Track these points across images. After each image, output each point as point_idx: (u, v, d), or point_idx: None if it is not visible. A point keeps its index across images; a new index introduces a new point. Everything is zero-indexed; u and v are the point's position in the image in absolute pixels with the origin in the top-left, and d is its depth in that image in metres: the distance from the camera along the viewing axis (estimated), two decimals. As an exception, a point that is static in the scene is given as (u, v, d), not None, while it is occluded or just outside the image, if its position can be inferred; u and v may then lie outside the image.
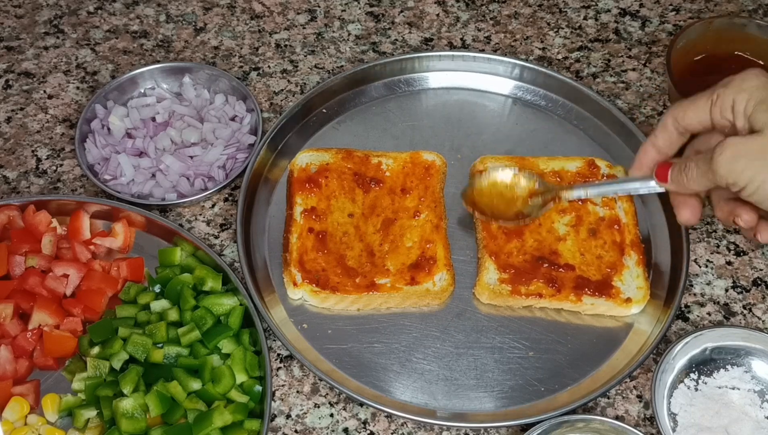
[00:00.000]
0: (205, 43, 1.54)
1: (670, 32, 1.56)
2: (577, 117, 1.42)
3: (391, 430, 1.14)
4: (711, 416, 1.11)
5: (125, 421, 1.07)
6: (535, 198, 1.22)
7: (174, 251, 1.24)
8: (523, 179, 1.23)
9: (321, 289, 1.20)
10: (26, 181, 1.36)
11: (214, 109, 1.40)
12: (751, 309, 1.24)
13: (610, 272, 1.22)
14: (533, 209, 1.22)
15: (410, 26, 1.57)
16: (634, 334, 1.20)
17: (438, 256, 1.23)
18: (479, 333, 1.21)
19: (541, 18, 1.58)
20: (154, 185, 1.32)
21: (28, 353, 1.15)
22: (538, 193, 1.22)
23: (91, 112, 1.38)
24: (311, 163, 1.31)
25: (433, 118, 1.42)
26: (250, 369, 1.13)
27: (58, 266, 1.20)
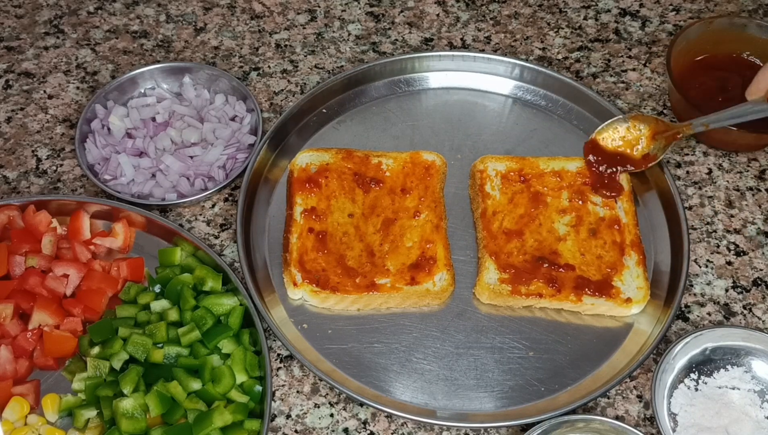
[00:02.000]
0: (205, 43, 1.54)
1: (670, 32, 1.56)
2: (577, 117, 1.42)
3: (391, 430, 1.14)
4: (711, 416, 1.11)
5: (125, 421, 1.07)
6: (658, 136, 1.27)
7: (174, 251, 1.24)
8: (643, 122, 1.29)
9: (321, 289, 1.20)
10: (26, 181, 1.36)
11: (214, 109, 1.40)
12: (751, 309, 1.24)
13: (610, 272, 1.22)
14: (658, 149, 1.27)
15: (410, 26, 1.57)
16: (634, 334, 1.20)
17: (438, 256, 1.23)
18: (479, 333, 1.21)
19: (541, 18, 1.58)
20: (154, 185, 1.32)
21: (28, 353, 1.15)
22: (661, 131, 1.27)
23: (91, 112, 1.38)
24: (311, 163, 1.31)
25: (433, 118, 1.42)
26: (250, 369, 1.13)
27: (58, 266, 1.20)
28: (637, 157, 1.29)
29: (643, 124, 1.30)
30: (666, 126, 1.29)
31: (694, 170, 1.38)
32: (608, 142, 1.30)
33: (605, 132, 1.32)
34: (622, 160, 1.29)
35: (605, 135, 1.31)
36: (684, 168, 1.38)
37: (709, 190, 1.36)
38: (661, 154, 1.28)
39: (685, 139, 1.40)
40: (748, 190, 1.36)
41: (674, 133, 1.28)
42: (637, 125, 1.29)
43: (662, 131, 1.28)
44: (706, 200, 1.35)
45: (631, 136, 1.30)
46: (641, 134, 1.28)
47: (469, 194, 1.34)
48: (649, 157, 1.29)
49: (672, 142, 1.28)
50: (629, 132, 1.30)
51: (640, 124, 1.30)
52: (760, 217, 1.33)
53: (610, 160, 1.30)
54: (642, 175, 1.34)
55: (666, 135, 1.28)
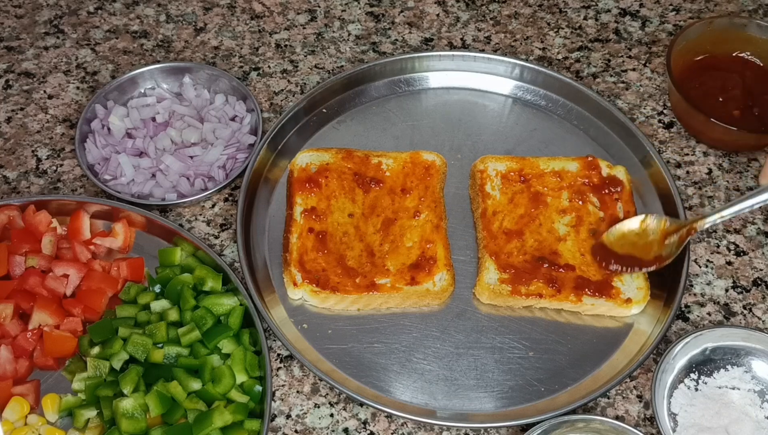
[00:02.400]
0: (205, 43, 1.54)
1: (670, 32, 1.56)
2: (577, 117, 1.42)
3: (391, 430, 1.14)
4: (711, 416, 1.11)
5: (125, 421, 1.07)
6: (670, 237, 1.20)
7: (174, 251, 1.24)
8: (652, 222, 1.22)
9: (321, 289, 1.20)
10: (26, 181, 1.36)
11: (214, 109, 1.40)
12: (751, 309, 1.24)
13: (610, 273, 1.22)
14: (671, 248, 1.20)
15: (410, 26, 1.57)
16: (634, 334, 1.20)
17: (438, 256, 1.23)
18: (479, 333, 1.21)
19: (541, 18, 1.58)
20: (154, 185, 1.32)
21: (28, 353, 1.15)
22: (671, 232, 1.21)
23: (91, 112, 1.38)
24: (311, 163, 1.31)
25: (433, 118, 1.42)
26: (250, 369, 1.13)
27: (58, 266, 1.20)
28: (649, 259, 1.21)
29: (654, 223, 1.22)
30: (677, 225, 1.21)
31: (694, 170, 1.38)
32: (616, 247, 1.22)
33: (613, 235, 1.24)
34: (632, 262, 1.21)
35: (613, 239, 1.23)
36: (684, 168, 1.38)
37: (709, 190, 1.36)
38: (676, 253, 1.20)
39: (685, 139, 1.40)
40: (748, 190, 1.36)
41: (687, 230, 1.19)
42: (648, 226, 1.23)
43: (673, 231, 1.21)
44: (706, 200, 1.35)
45: (641, 240, 1.22)
46: (652, 238, 1.21)
47: (469, 194, 1.34)
48: (661, 257, 1.20)
49: (686, 239, 1.19)
50: (639, 237, 1.22)
51: (650, 225, 1.23)
52: (760, 217, 1.33)
53: (619, 261, 1.22)
54: (642, 175, 1.34)
55: (679, 234, 1.20)
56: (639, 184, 1.33)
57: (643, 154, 1.35)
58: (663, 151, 1.40)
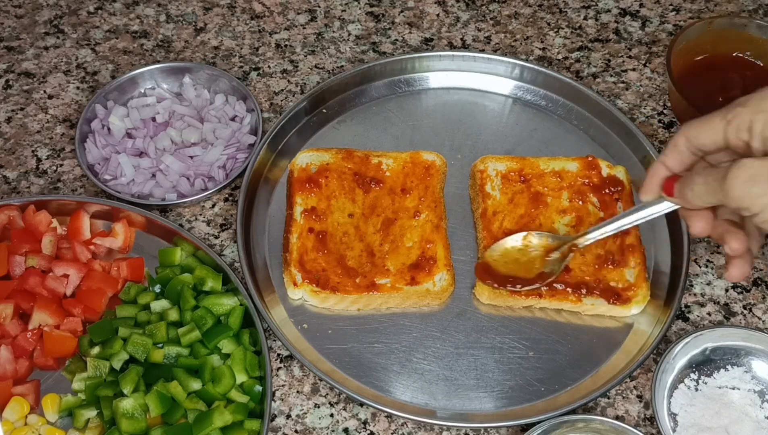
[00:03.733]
0: (205, 43, 1.54)
1: (670, 32, 1.56)
2: (577, 117, 1.42)
3: (391, 430, 1.14)
4: (711, 416, 1.11)
5: (125, 421, 1.07)
6: (552, 253, 1.20)
7: (174, 251, 1.24)
8: (534, 238, 1.22)
9: (321, 289, 1.20)
10: (26, 181, 1.36)
11: (214, 109, 1.40)
12: (752, 309, 1.24)
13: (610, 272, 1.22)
14: (554, 265, 1.19)
15: (410, 26, 1.57)
16: (634, 334, 1.20)
17: (438, 256, 1.23)
18: (479, 333, 1.21)
19: (541, 18, 1.58)
20: (154, 185, 1.32)
21: (28, 353, 1.15)
22: (553, 248, 1.20)
23: (91, 112, 1.38)
24: (311, 163, 1.31)
25: (433, 118, 1.42)
26: (250, 369, 1.13)
27: (58, 266, 1.20)
28: (532, 277, 1.20)
29: (536, 240, 1.22)
30: (558, 242, 1.20)
31: (694, 170, 1.38)
32: (500, 265, 1.21)
33: (497, 251, 1.22)
34: (514, 281, 1.20)
35: (496, 256, 1.22)
36: (684, 168, 1.38)
37: (709, 190, 1.36)
38: (558, 270, 1.19)
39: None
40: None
41: (569, 247, 1.19)
42: (529, 243, 1.22)
43: (555, 248, 1.20)
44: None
45: (524, 256, 1.21)
46: (535, 255, 1.21)
47: (469, 194, 1.34)
48: (544, 274, 1.19)
49: (568, 255, 1.19)
50: (521, 253, 1.22)
51: (533, 240, 1.22)
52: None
53: (502, 281, 1.20)
54: (642, 175, 1.33)
55: (561, 250, 1.20)
56: (639, 184, 1.32)
57: (643, 154, 1.35)
58: (663, 151, 1.40)
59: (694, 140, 0.99)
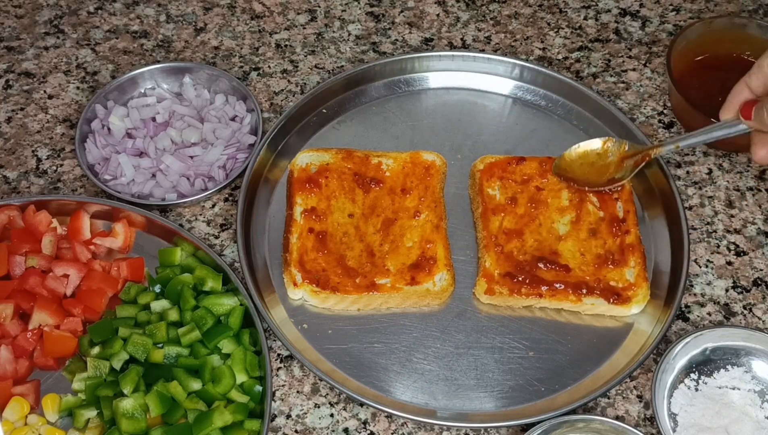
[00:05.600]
0: (206, 43, 1.54)
1: (670, 32, 1.56)
2: (577, 117, 1.42)
3: (391, 430, 1.14)
4: (711, 416, 1.11)
5: (125, 421, 1.07)
6: (627, 160, 1.24)
7: (174, 251, 1.24)
8: (613, 145, 1.26)
9: (321, 290, 1.20)
10: (26, 181, 1.36)
11: (214, 109, 1.40)
12: (752, 309, 1.24)
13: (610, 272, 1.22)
14: (626, 171, 1.24)
15: (410, 26, 1.57)
16: (634, 334, 1.20)
17: (438, 256, 1.23)
18: (479, 333, 1.21)
19: (541, 18, 1.58)
20: (155, 185, 1.32)
21: (29, 353, 1.15)
22: (629, 156, 1.24)
23: (91, 112, 1.38)
24: (311, 163, 1.31)
25: (433, 118, 1.42)
26: (250, 369, 1.13)
27: (58, 266, 1.20)
28: (602, 181, 1.26)
29: (615, 147, 1.27)
30: (635, 150, 1.25)
31: (694, 170, 1.38)
32: (575, 165, 1.27)
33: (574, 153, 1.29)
34: (585, 182, 1.27)
35: (575, 156, 1.28)
36: (684, 168, 1.38)
37: (709, 190, 1.36)
38: (628, 176, 1.25)
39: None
40: (748, 190, 1.36)
41: (643, 155, 1.24)
42: (608, 148, 1.27)
43: (630, 155, 1.25)
44: (706, 200, 1.35)
45: (601, 160, 1.27)
46: (611, 160, 1.26)
47: (469, 194, 1.34)
48: (614, 180, 1.26)
49: (641, 164, 1.24)
50: (599, 157, 1.27)
51: (611, 146, 1.27)
52: (760, 217, 1.33)
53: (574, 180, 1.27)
54: (642, 175, 1.34)
55: (635, 158, 1.24)
56: (639, 184, 1.33)
57: (643, 154, 1.35)
58: (663, 151, 1.40)
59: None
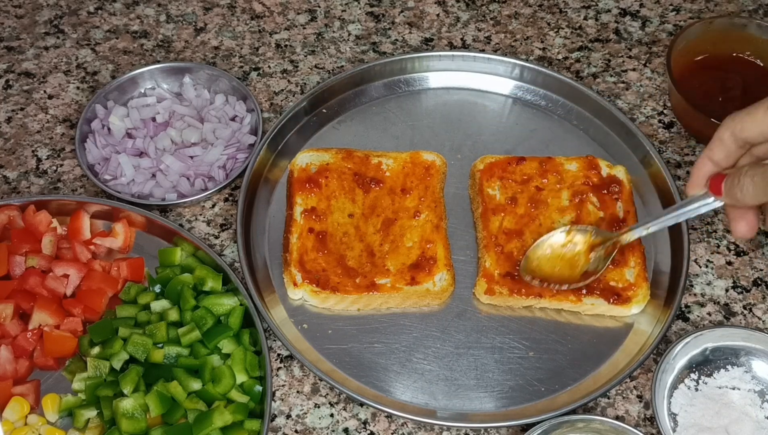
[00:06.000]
0: (206, 43, 1.54)
1: (671, 32, 1.56)
2: (577, 117, 1.42)
3: (391, 430, 1.14)
4: (711, 416, 1.11)
5: (125, 421, 1.07)
6: (596, 250, 1.19)
7: (174, 251, 1.24)
8: (578, 234, 1.20)
9: (321, 290, 1.20)
10: (26, 181, 1.36)
11: (214, 109, 1.40)
12: (752, 309, 1.24)
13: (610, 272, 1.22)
14: (598, 262, 1.19)
15: (410, 26, 1.57)
16: (634, 334, 1.20)
17: (438, 256, 1.23)
18: (479, 333, 1.21)
19: (542, 18, 1.58)
20: (155, 185, 1.32)
21: (29, 353, 1.15)
22: (597, 244, 1.19)
23: (91, 112, 1.38)
24: (311, 163, 1.31)
25: (433, 118, 1.42)
26: (250, 369, 1.13)
27: (58, 266, 1.20)
28: (575, 276, 1.19)
29: (579, 235, 1.20)
30: (602, 238, 1.19)
31: (694, 170, 1.38)
32: (543, 262, 1.20)
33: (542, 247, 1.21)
34: (558, 280, 1.20)
35: (538, 253, 1.21)
36: (684, 168, 1.38)
37: (709, 190, 1.36)
38: (602, 268, 1.19)
39: (686, 139, 1.41)
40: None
41: (613, 243, 1.18)
42: (573, 239, 1.20)
43: (599, 243, 1.19)
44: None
45: (568, 251, 1.20)
46: (579, 250, 1.19)
47: (469, 194, 1.34)
48: (588, 273, 1.19)
49: (612, 253, 1.18)
50: (565, 249, 1.20)
51: (575, 236, 1.20)
52: (760, 217, 1.33)
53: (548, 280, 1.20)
54: (642, 175, 1.34)
55: (604, 247, 1.18)
56: (639, 184, 1.33)
57: (643, 154, 1.35)
58: (663, 151, 1.40)
59: (739, 133, 0.97)
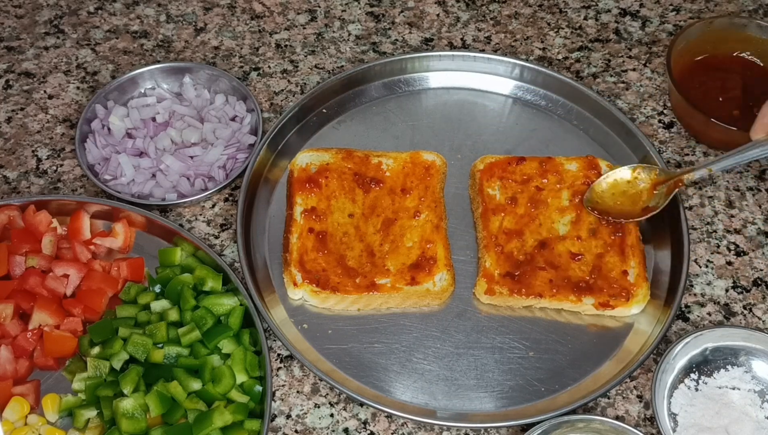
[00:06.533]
0: (206, 43, 1.54)
1: (671, 32, 1.56)
2: (577, 117, 1.42)
3: (391, 430, 1.14)
4: (711, 416, 1.11)
5: (125, 421, 1.07)
6: (659, 187, 1.23)
7: (174, 251, 1.24)
8: (643, 172, 1.25)
9: (321, 290, 1.20)
10: (26, 181, 1.36)
11: (214, 109, 1.40)
12: (752, 309, 1.24)
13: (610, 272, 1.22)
14: (659, 199, 1.22)
15: (410, 26, 1.57)
16: (634, 334, 1.20)
17: (438, 256, 1.23)
18: (479, 333, 1.21)
19: (542, 18, 1.58)
20: (155, 185, 1.32)
21: (29, 353, 1.15)
22: (661, 182, 1.23)
23: (91, 112, 1.38)
24: (311, 163, 1.31)
25: (433, 118, 1.42)
26: (250, 369, 1.13)
27: (58, 266, 1.20)
28: (637, 211, 1.24)
29: (645, 173, 1.26)
30: (667, 175, 1.24)
31: (694, 170, 1.38)
32: (606, 196, 1.25)
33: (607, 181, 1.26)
34: (620, 214, 1.24)
35: (603, 187, 1.26)
36: (684, 168, 1.38)
37: (709, 190, 1.36)
38: (663, 204, 1.23)
39: (686, 139, 1.41)
40: (748, 190, 1.36)
41: (676, 181, 1.23)
42: (638, 176, 1.26)
43: (662, 181, 1.24)
44: (706, 200, 1.35)
45: (632, 189, 1.25)
46: (643, 187, 1.24)
47: (469, 194, 1.34)
48: (649, 208, 1.24)
49: (674, 190, 1.23)
50: (630, 185, 1.26)
51: (641, 174, 1.26)
52: (760, 217, 1.33)
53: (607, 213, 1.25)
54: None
55: (667, 185, 1.23)
56: (639, 184, 1.34)
57: (643, 154, 1.35)
58: (663, 151, 1.40)
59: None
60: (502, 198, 1.29)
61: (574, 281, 1.21)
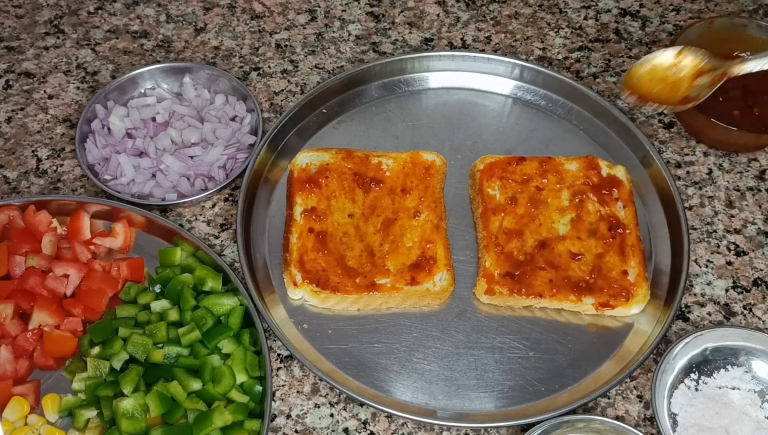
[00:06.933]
0: (206, 43, 1.54)
1: (671, 32, 1.56)
2: (577, 117, 1.42)
3: (391, 430, 1.14)
4: (711, 416, 1.11)
5: (125, 421, 1.07)
6: (702, 77, 1.12)
7: (174, 251, 1.24)
8: (689, 57, 1.14)
9: (321, 290, 1.20)
10: (26, 181, 1.36)
11: (214, 109, 1.40)
12: (752, 309, 1.24)
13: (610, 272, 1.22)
14: (701, 89, 1.12)
15: (410, 26, 1.57)
16: (634, 334, 1.20)
17: (438, 256, 1.23)
18: (479, 333, 1.21)
19: (542, 18, 1.58)
20: (155, 185, 1.32)
21: (29, 353, 1.15)
22: (705, 71, 1.13)
23: (91, 112, 1.38)
24: (311, 163, 1.31)
25: (433, 118, 1.42)
26: (250, 369, 1.13)
27: (58, 266, 1.20)
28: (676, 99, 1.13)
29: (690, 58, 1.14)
30: (712, 65, 1.12)
31: (694, 170, 1.38)
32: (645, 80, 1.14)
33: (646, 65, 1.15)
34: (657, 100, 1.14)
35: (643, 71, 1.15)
36: (684, 168, 1.38)
37: (710, 190, 1.36)
38: (704, 95, 1.11)
39: (686, 139, 1.40)
40: (749, 190, 1.36)
41: (722, 72, 1.11)
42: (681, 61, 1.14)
43: (707, 71, 1.12)
44: (706, 200, 1.35)
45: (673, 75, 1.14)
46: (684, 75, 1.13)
47: (469, 194, 1.34)
48: (689, 99, 1.12)
49: (718, 82, 1.11)
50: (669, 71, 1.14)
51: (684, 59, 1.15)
52: (760, 217, 1.33)
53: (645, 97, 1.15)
54: (642, 175, 1.34)
55: (712, 75, 1.11)
56: (639, 184, 1.34)
57: (643, 154, 1.35)
58: (663, 151, 1.40)
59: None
60: (502, 198, 1.29)
61: (574, 281, 1.21)
